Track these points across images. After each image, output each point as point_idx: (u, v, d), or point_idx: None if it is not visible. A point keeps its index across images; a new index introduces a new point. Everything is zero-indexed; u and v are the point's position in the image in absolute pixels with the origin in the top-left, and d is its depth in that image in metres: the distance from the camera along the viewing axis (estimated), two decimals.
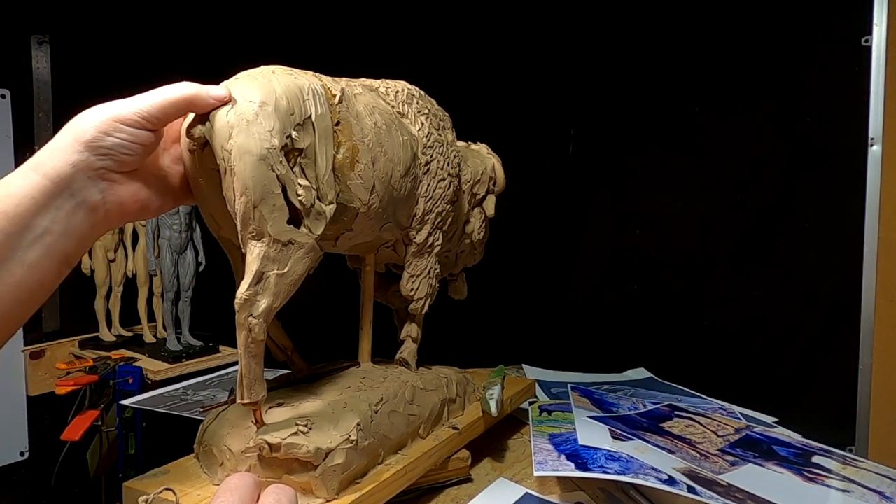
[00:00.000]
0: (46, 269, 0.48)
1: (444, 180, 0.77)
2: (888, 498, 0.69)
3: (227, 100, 0.53)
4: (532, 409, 0.89)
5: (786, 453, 0.80)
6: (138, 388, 1.38)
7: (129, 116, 0.49)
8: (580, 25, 1.42)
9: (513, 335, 1.42)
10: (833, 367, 1.16)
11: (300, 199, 0.55)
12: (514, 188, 0.95)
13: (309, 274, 0.58)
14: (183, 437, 0.66)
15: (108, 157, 0.49)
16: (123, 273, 1.64)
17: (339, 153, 0.61)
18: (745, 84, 1.25)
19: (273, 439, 0.56)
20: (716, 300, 1.30)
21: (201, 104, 0.52)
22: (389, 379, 0.71)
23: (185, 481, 0.59)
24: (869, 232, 1.11)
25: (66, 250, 0.48)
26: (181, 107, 0.52)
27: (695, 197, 1.32)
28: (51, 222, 0.47)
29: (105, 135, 0.48)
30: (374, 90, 0.72)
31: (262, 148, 0.52)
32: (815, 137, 1.19)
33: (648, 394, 1.07)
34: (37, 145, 1.56)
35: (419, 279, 0.79)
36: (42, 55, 1.58)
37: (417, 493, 0.70)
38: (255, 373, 0.55)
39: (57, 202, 0.47)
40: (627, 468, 0.66)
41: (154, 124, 0.50)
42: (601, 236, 1.44)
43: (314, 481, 0.56)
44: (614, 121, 1.41)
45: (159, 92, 0.51)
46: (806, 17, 1.18)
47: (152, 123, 0.50)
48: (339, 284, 0.94)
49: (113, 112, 0.49)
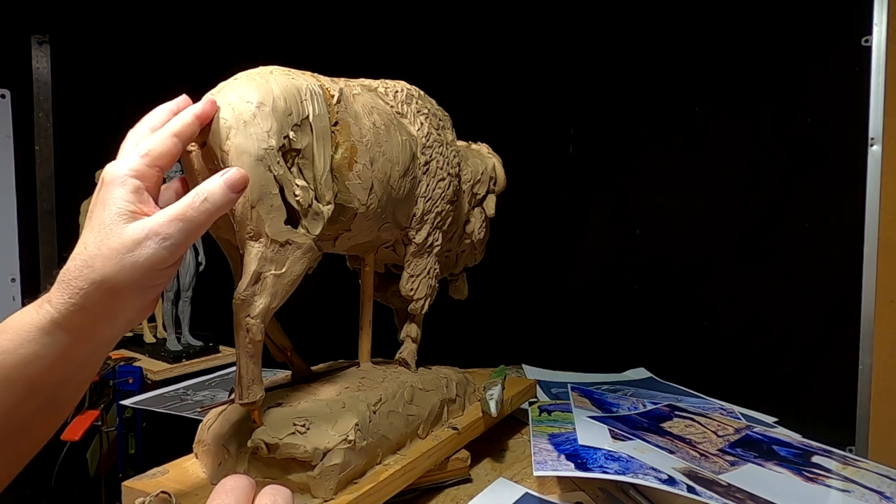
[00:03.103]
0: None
1: (443, 180, 0.77)
2: (888, 498, 0.69)
3: (214, 110, 0.52)
4: (532, 409, 0.89)
5: (786, 453, 0.80)
6: (138, 388, 1.38)
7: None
8: (580, 25, 1.42)
9: (513, 335, 1.42)
10: (833, 367, 1.16)
11: (298, 200, 0.55)
12: (514, 188, 0.95)
13: (308, 274, 0.58)
14: (183, 437, 0.66)
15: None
16: None
17: (338, 153, 0.60)
18: (745, 84, 1.25)
19: (271, 439, 0.56)
20: (716, 300, 1.30)
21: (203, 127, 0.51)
22: (388, 379, 0.71)
23: (185, 481, 0.59)
24: (869, 232, 1.11)
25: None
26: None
27: (695, 197, 1.32)
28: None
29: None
30: (372, 90, 0.72)
31: (260, 148, 0.52)
32: (815, 137, 1.19)
33: (648, 394, 1.07)
34: (37, 145, 1.56)
35: (419, 279, 0.79)
36: (42, 55, 1.58)
37: (417, 494, 0.69)
38: (253, 373, 0.55)
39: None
40: (627, 468, 0.66)
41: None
42: (601, 236, 1.44)
43: (312, 481, 0.56)
44: (614, 121, 1.41)
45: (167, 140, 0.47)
46: (806, 17, 1.18)
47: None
48: (339, 284, 0.94)
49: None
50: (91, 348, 0.45)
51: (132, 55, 1.69)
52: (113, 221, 0.42)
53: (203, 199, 0.44)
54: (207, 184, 0.45)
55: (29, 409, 0.43)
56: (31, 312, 0.42)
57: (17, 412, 0.43)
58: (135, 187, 0.44)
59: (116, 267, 0.41)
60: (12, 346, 0.41)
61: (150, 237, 0.42)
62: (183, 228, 0.43)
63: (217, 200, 0.45)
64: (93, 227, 0.43)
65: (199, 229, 0.45)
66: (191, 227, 0.44)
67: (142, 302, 0.45)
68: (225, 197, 0.45)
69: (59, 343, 0.42)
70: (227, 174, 0.46)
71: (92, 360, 0.46)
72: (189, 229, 0.44)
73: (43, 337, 0.42)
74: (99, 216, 0.43)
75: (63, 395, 0.46)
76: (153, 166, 0.46)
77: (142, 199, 0.44)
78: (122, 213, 0.43)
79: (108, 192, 0.44)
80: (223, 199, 0.45)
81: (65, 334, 0.42)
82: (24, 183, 1.56)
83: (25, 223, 1.58)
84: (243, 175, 0.46)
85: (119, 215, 0.43)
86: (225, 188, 0.45)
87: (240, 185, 0.46)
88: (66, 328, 0.42)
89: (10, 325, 0.43)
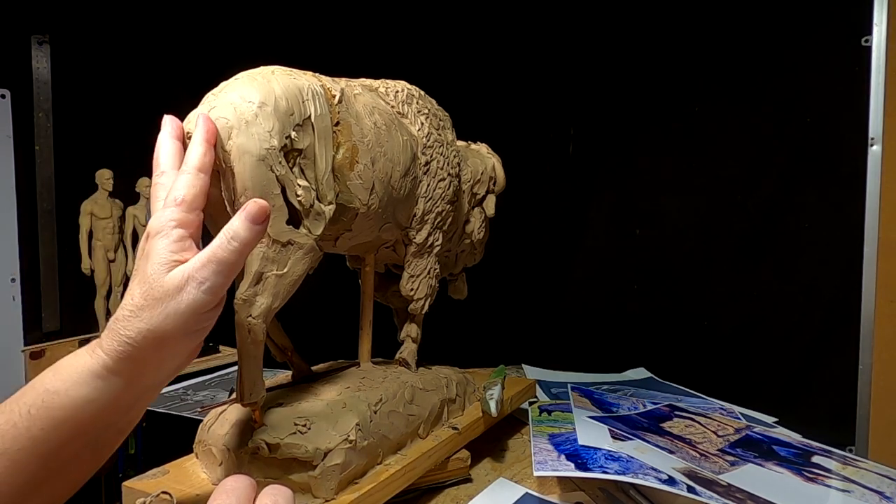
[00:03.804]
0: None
1: (443, 180, 0.77)
2: (888, 498, 0.69)
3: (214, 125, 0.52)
4: (532, 409, 0.89)
5: (786, 453, 0.80)
6: None
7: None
8: (580, 25, 1.42)
9: (513, 335, 1.42)
10: (833, 367, 1.16)
11: (299, 200, 0.55)
12: (514, 188, 0.95)
13: (309, 274, 0.58)
14: (183, 437, 0.66)
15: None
16: (123, 273, 1.65)
17: (339, 153, 0.61)
18: (746, 84, 1.25)
19: (272, 439, 0.56)
20: (716, 300, 1.30)
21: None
22: (389, 379, 0.71)
23: (185, 481, 0.59)
24: (869, 232, 1.11)
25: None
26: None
27: (695, 197, 1.32)
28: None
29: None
30: (373, 90, 0.72)
31: (262, 148, 0.52)
32: (815, 137, 1.19)
33: (648, 394, 1.07)
34: (37, 145, 1.56)
35: (419, 279, 0.79)
36: (42, 55, 1.58)
37: (417, 494, 0.69)
38: (254, 373, 0.55)
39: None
40: (627, 468, 0.66)
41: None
42: (601, 236, 1.44)
43: (313, 481, 0.56)
44: (614, 121, 1.41)
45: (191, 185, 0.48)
46: (806, 17, 1.18)
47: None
48: (339, 284, 0.94)
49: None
50: (139, 393, 0.46)
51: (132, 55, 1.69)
52: (156, 272, 0.44)
53: (230, 238, 0.45)
54: (232, 222, 0.46)
55: (71, 451, 0.44)
56: (84, 356, 0.44)
57: (59, 453, 0.44)
58: (178, 236, 0.45)
59: (161, 316, 0.43)
60: (64, 387, 0.43)
61: (188, 282, 0.43)
62: (217, 270, 0.44)
63: (244, 238, 0.45)
64: (139, 280, 0.44)
65: (233, 269, 0.46)
66: (224, 269, 0.45)
67: (189, 347, 0.46)
68: (250, 232, 0.46)
69: (109, 387, 0.44)
70: (248, 208, 0.46)
71: (137, 405, 0.48)
72: (223, 271, 0.45)
73: (94, 380, 0.43)
74: (143, 269, 0.45)
75: (105, 438, 0.47)
76: (191, 211, 0.47)
77: (184, 247, 0.45)
78: (164, 263, 0.44)
79: (152, 245, 0.45)
80: (249, 235, 0.46)
81: (115, 379, 0.44)
82: (24, 183, 1.56)
83: (25, 223, 1.58)
84: (263, 206, 0.47)
85: (161, 265, 0.44)
86: (248, 224, 0.46)
87: (261, 217, 0.46)
88: (117, 373, 0.44)
89: (62, 366, 0.44)
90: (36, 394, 0.43)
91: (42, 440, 0.43)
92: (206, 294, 0.44)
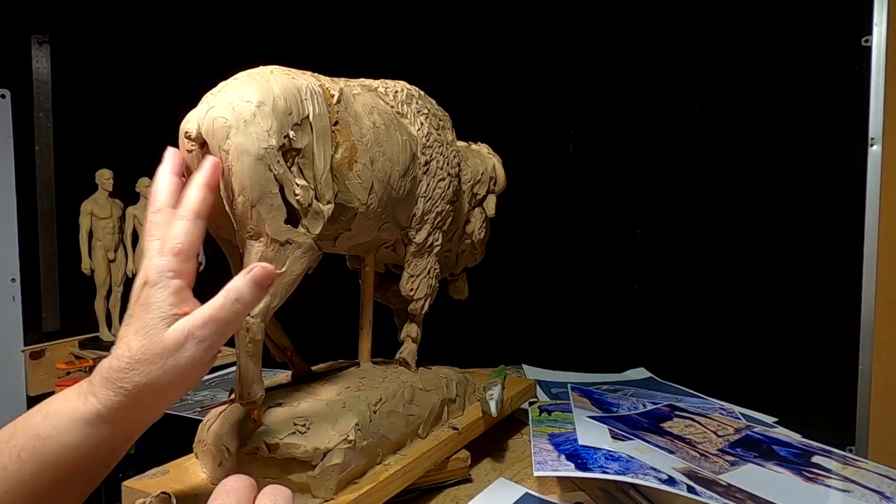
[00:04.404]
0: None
1: (443, 180, 0.77)
2: (888, 498, 0.69)
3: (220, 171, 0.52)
4: (532, 409, 0.89)
5: (786, 453, 0.80)
6: None
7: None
8: (580, 25, 1.42)
9: (513, 335, 1.42)
10: (833, 368, 1.16)
11: (298, 199, 0.55)
12: (514, 188, 0.95)
13: (308, 274, 0.58)
14: (183, 437, 0.66)
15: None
16: (123, 273, 1.65)
17: (338, 153, 0.60)
18: (745, 84, 1.25)
19: (271, 439, 0.56)
20: (716, 300, 1.30)
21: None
22: (389, 379, 0.71)
23: (185, 481, 0.59)
24: (869, 232, 1.11)
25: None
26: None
27: (695, 197, 1.32)
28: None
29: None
30: (373, 90, 0.72)
31: (260, 148, 0.52)
32: (815, 137, 1.18)
33: (648, 394, 1.07)
34: (37, 145, 1.56)
35: (419, 279, 0.79)
36: (42, 55, 1.58)
37: (417, 494, 0.69)
38: (253, 372, 0.55)
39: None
40: (627, 468, 0.66)
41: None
42: (601, 236, 1.44)
43: (312, 481, 0.56)
44: (614, 121, 1.41)
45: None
46: (806, 17, 1.18)
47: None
48: (339, 284, 0.94)
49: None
50: (129, 436, 0.47)
51: (132, 55, 1.69)
52: (155, 325, 0.44)
53: (234, 300, 0.46)
54: (236, 282, 0.46)
55: (60, 490, 0.45)
56: (76, 402, 0.44)
57: (49, 492, 0.44)
58: (176, 288, 0.46)
59: (160, 371, 0.44)
60: (55, 433, 0.43)
61: (189, 339, 0.44)
62: (216, 330, 0.45)
63: (247, 300, 0.46)
64: (137, 330, 0.45)
65: (231, 328, 0.47)
66: (223, 328, 0.46)
67: (181, 394, 0.48)
68: (254, 295, 0.46)
69: (101, 433, 0.44)
70: (254, 272, 0.46)
71: (127, 445, 0.48)
72: (222, 330, 0.45)
73: (86, 427, 0.44)
74: (141, 319, 0.45)
75: (93, 476, 0.48)
76: (188, 260, 0.47)
77: (182, 299, 0.46)
78: (164, 317, 0.45)
79: (150, 295, 0.45)
80: (252, 297, 0.46)
81: (108, 426, 0.44)
82: (24, 183, 1.56)
83: (25, 223, 1.58)
84: (268, 271, 0.47)
85: (161, 319, 0.45)
86: (253, 287, 0.46)
87: (265, 281, 0.47)
88: (110, 421, 0.44)
89: (52, 411, 0.44)
90: (26, 438, 0.44)
91: (32, 483, 0.43)
92: (204, 351, 0.45)
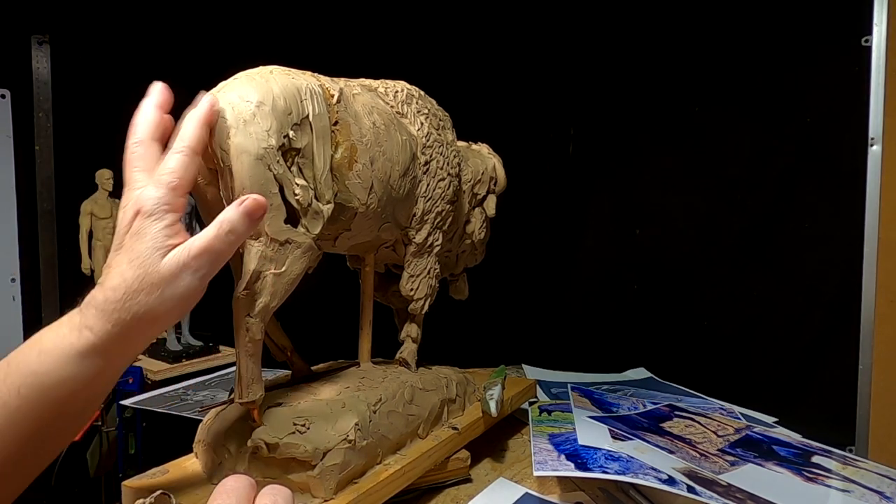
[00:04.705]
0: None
1: (443, 180, 0.77)
2: (888, 498, 0.69)
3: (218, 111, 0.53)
4: (532, 409, 0.89)
5: (786, 453, 0.80)
6: (138, 387, 1.38)
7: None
8: (580, 25, 1.42)
9: (513, 335, 1.42)
10: (833, 368, 1.16)
11: (297, 199, 0.55)
12: (514, 188, 0.95)
13: (308, 274, 0.58)
14: (183, 437, 0.66)
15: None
16: None
17: (338, 153, 0.60)
18: (745, 84, 1.25)
19: (271, 439, 0.56)
20: (716, 300, 1.30)
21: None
22: (388, 379, 0.71)
23: (185, 481, 0.59)
24: (869, 232, 1.11)
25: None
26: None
27: (695, 197, 1.32)
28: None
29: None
30: (373, 90, 0.72)
31: (260, 147, 0.52)
32: (815, 137, 1.19)
33: (648, 394, 1.07)
34: (37, 145, 1.56)
35: (419, 279, 0.79)
36: (42, 55, 1.58)
37: (417, 494, 0.69)
38: (252, 372, 0.55)
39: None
40: (627, 468, 0.66)
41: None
42: (601, 236, 1.44)
43: (312, 481, 0.56)
44: (614, 121, 1.41)
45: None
46: (806, 17, 1.18)
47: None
48: (339, 284, 0.94)
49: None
50: (118, 369, 0.48)
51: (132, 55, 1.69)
52: (150, 256, 0.45)
53: (227, 231, 0.47)
54: (229, 214, 0.47)
55: (54, 427, 0.46)
56: (69, 336, 0.44)
57: (52, 426, 0.45)
58: (171, 220, 0.46)
59: (158, 300, 0.44)
60: (52, 368, 0.44)
61: (184, 270, 0.45)
62: (210, 260, 0.46)
63: (238, 230, 0.47)
64: (130, 260, 0.45)
65: (224, 258, 0.48)
66: (217, 258, 0.47)
67: (173, 323, 0.50)
68: (245, 226, 0.48)
69: (94, 366, 0.44)
70: (245, 203, 0.47)
71: (117, 375, 0.49)
72: (215, 260, 0.47)
73: (81, 361, 0.44)
74: (136, 249, 0.45)
75: (83, 414, 0.48)
76: (183, 195, 0.48)
77: (176, 231, 0.46)
78: (158, 248, 0.45)
79: (145, 226, 0.46)
80: (244, 227, 0.48)
81: (101, 359, 0.45)
82: (24, 183, 1.56)
83: (25, 223, 1.58)
84: (260, 202, 0.48)
85: (156, 249, 0.45)
86: (245, 218, 0.47)
87: (257, 213, 0.48)
88: (104, 354, 0.44)
89: (46, 348, 0.44)
90: (23, 375, 0.44)
91: (33, 418, 0.44)
92: (199, 281, 0.46)
